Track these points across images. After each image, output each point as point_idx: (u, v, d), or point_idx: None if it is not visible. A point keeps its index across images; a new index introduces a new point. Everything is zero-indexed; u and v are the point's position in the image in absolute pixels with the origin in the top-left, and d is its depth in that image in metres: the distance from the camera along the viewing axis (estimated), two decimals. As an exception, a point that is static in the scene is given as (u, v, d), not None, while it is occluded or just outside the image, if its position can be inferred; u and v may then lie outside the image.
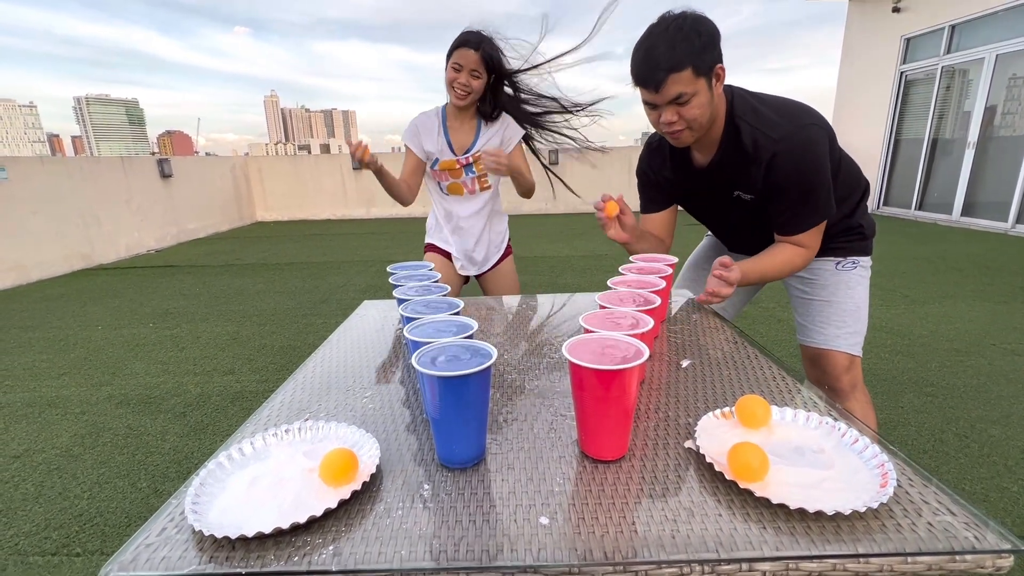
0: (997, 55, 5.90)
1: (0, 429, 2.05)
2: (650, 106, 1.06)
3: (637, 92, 1.06)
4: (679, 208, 1.40)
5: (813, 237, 1.13)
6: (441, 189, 1.78)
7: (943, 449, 1.73)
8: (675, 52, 0.97)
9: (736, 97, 1.10)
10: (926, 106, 6.90)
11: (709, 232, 1.56)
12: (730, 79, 1.09)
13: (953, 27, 6.41)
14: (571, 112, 1.74)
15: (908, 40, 7.07)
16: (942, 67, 6.60)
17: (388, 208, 9.13)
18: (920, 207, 7.05)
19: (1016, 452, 1.69)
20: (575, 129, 1.76)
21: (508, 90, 1.72)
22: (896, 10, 7.02)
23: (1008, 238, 5.40)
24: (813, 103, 1.15)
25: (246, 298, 3.90)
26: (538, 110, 1.74)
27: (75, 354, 2.84)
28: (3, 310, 3.78)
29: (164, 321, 3.38)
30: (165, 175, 6.67)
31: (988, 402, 2.03)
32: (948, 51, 6.50)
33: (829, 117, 1.25)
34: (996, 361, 2.39)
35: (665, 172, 1.28)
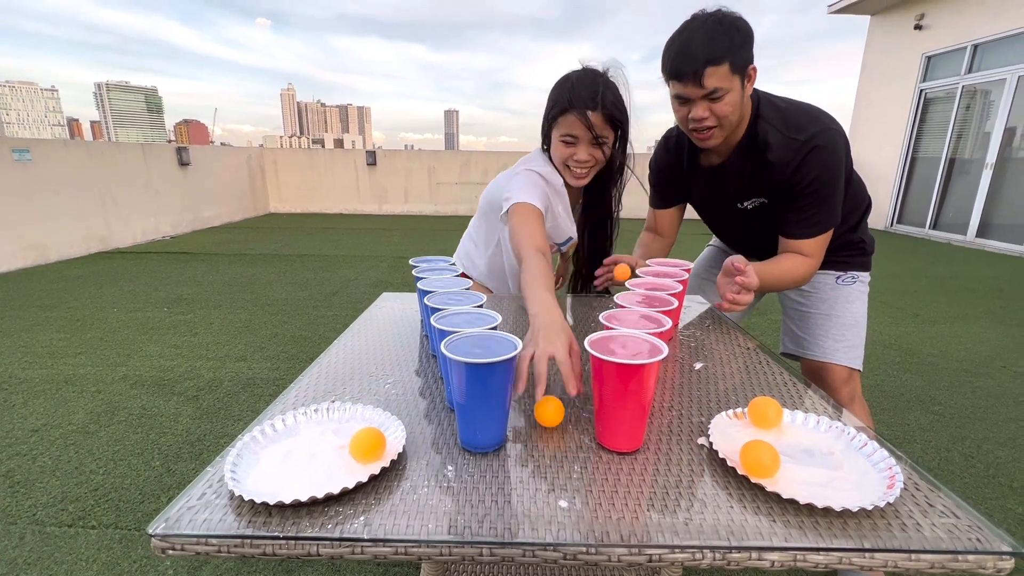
0: (1020, 76, 5.87)
1: (19, 403, 2.11)
2: (681, 100, 1.05)
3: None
4: (685, 217, 1.41)
5: (818, 246, 1.11)
6: None
7: (948, 468, 1.73)
8: (714, 44, 0.96)
9: (763, 101, 1.10)
10: (944, 125, 6.86)
11: (711, 242, 1.57)
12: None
13: (976, 46, 6.38)
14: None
15: (929, 58, 7.03)
16: (963, 86, 6.56)
17: (399, 204, 9.21)
18: (934, 226, 7.00)
19: (1022, 474, 1.69)
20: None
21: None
22: (918, 27, 6.99)
23: None
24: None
25: (258, 287, 3.96)
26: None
27: (91, 334, 2.90)
28: (23, 289, 3.86)
29: (177, 306, 3.44)
30: (183, 163, 6.77)
31: (996, 424, 2.02)
32: (970, 70, 6.47)
33: (846, 132, 1.27)
34: (1006, 383, 2.38)
35: (678, 166, 1.28)
